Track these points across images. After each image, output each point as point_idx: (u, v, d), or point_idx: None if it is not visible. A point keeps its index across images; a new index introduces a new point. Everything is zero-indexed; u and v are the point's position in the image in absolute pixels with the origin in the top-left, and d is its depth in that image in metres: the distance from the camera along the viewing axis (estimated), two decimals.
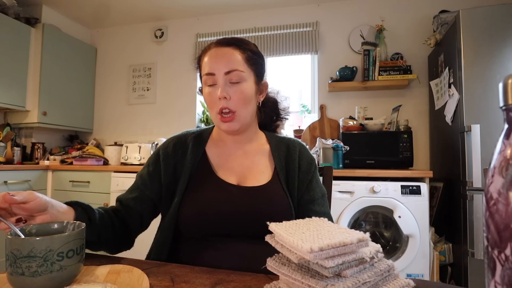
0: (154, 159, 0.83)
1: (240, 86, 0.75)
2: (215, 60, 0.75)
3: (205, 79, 0.76)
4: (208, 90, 0.76)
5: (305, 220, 0.49)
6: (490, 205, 0.27)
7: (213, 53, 0.76)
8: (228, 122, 0.75)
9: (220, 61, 0.74)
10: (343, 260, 0.38)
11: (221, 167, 0.80)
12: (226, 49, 0.76)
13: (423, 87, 2.49)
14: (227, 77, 0.74)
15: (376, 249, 0.42)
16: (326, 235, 0.40)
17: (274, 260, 0.44)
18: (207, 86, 0.76)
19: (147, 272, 0.56)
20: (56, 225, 0.55)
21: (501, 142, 0.28)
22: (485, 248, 0.28)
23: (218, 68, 0.74)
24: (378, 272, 0.41)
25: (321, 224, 0.47)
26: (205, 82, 0.77)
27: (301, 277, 0.40)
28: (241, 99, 0.75)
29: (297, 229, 0.44)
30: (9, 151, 2.55)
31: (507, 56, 1.71)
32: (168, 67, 3.11)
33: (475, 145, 1.71)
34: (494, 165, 0.27)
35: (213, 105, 0.76)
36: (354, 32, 2.66)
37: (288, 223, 0.47)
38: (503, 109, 0.28)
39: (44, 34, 2.67)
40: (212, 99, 0.75)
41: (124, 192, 0.84)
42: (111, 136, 3.18)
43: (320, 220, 0.48)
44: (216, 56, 0.75)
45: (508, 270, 0.25)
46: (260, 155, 0.83)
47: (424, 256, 1.83)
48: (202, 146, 0.83)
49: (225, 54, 0.75)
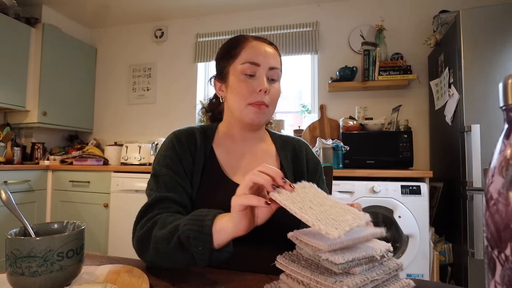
0: (172, 150, 0.75)
1: (276, 84, 0.78)
2: (263, 53, 0.75)
3: (246, 67, 0.74)
4: (245, 79, 0.74)
5: (299, 186, 0.50)
6: (490, 205, 0.27)
7: (259, 45, 0.77)
8: (261, 114, 0.75)
9: (268, 55, 0.76)
10: (353, 256, 0.38)
11: (231, 167, 0.78)
12: (270, 47, 0.78)
13: (423, 87, 2.49)
14: (269, 72, 0.76)
15: (387, 247, 0.43)
16: (336, 214, 0.43)
17: (284, 257, 0.45)
18: (243, 75, 0.74)
19: (147, 272, 0.56)
20: (56, 225, 0.55)
21: (501, 142, 0.28)
22: (485, 248, 0.28)
23: (265, 61, 0.75)
24: (387, 270, 0.41)
25: (317, 194, 0.49)
26: (243, 70, 0.74)
27: (310, 273, 0.40)
28: (276, 96, 0.78)
29: (302, 201, 0.45)
30: (9, 151, 2.55)
31: (507, 56, 1.71)
32: (168, 67, 3.11)
33: (475, 145, 1.71)
34: (494, 165, 0.27)
35: (247, 95, 0.74)
36: (354, 32, 2.66)
37: (288, 193, 0.47)
38: (503, 109, 0.28)
39: (44, 34, 2.67)
40: (249, 89, 0.74)
41: (149, 192, 0.72)
42: (111, 136, 3.18)
43: (312, 188, 0.50)
44: (264, 50, 0.76)
45: (508, 270, 0.25)
46: (267, 156, 0.83)
47: (424, 256, 1.83)
48: (209, 143, 0.80)
49: (271, 50, 0.78)
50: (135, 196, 2.30)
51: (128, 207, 2.30)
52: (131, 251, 0.73)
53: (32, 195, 2.40)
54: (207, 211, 0.55)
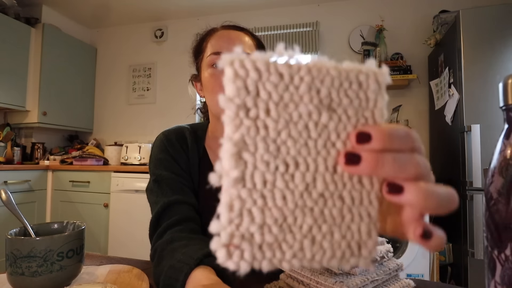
0: (165, 152, 0.71)
1: None
2: (226, 40, 0.69)
3: (211, 59, 0.68)
4: (212, 71, 0.68)
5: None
6: (490, 205, 0.27)
7: (223, 33, 0.71)
8: None
9: (232, 41, 0.69)
10: None
11: None
12: (237, 32, 0.72)
13: (423, 87, 2.49)
14: None
15: (387, 248, 0.43)
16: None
17: None
18: (210, 68, 0.68)
19: (147, 272, 0.56)
20: (56, 225, 0.55)
21: (501, 142, 0.28)
22: (485, 248, 0.28)
23: (228, 48, 0.66)
24: (387, 271, 0.42)
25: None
26: (209, 62, 0.69)
27: (310, 273, 0.40)
28: None
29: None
30: (9, 151, 2.55)
31: (507, 56, 1.71)
32: (168, 67, 3.11)
33: (475, 145, 1.71)
34: (494, 165, 0.27)
35: (217, 88, 0.67)
36: (354, 32, 2.66)
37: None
38: (503, 109, 0.28)
39: (44, 34, 2.67)
40: (217, 82, 0.67)
41: (154, 199, 0.66)
42: (111, 136, 3.18)
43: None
44: (228, 36, 0.70)
45: (508, 270, 0.25)
46: None
47: (424, 256, 1.83)
48: (200, 143, 0.75)
49: (237, 36, 0.71)
50: (135, 196, 2.30)
51: (128, 207, 2.30)
52: (131, 251, 0.73)
53: (32, 195, 2.40)
54: (180, 267, 0.45)
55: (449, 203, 0.20)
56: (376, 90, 0.19)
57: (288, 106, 0.18)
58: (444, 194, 0.20)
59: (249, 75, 0.17)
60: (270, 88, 0.18)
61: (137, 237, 2.18)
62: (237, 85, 0.17)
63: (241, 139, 0.17)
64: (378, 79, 0.19)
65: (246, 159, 0.18)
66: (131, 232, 2.23)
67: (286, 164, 0.18)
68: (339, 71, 0.19)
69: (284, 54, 0.18)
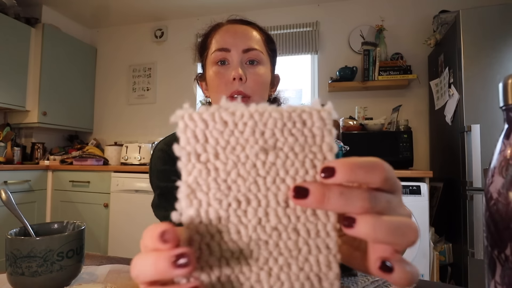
0: (167, 163, 0.67)
1: (257, 68, 0.64)
2: (232, 35, 0.64)
3: (216, 56, 0.64)
4: (217, 69, 0.63)
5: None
6: (490, 205, 0.27)
7: (229, 28, 0.66)
8: None
9: (239, 36, 0.64)
10: None
11: None
12: (243, 26, 0.67)
13: (423, 87, 2.49)
14: (245, 56, 0.63)
15: None
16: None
17: None
18: (215, 65, 0.64)
19: None
20: (56, 225, 0.55)
21: (501, 142, 0.28)
22: (485, 248, 0.28)
23: (235, 44, 0.63)
24: None
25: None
26: (214, 60, 0.64)
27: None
28: (258, 82, 0.63)
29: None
30: (9, 151, 2.55)
31: (507, 56, 1.71)
32: (168, 67, 3.11)
33: (475, 145, 1.71)
34: (494, 165, 0.27)
35: (222, 87, 0.63)
36: (354, 32, 2.66)
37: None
38: (503, 109, 0.28)
39: (44, 34, 2.67)
40: (222, 81, 0.63)
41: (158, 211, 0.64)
42: (111, 136, 3.18)
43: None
44: (234, 31, 0.65)
45: (508, 270, 0.25)
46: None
47: (424, 256, 1.83)
48: None
49: (244, 30, 0.66)
50: (135, 196, 2.30)
51: (128, 207, 2.30)
52: (131, 251, 0.73)
53: (32, 195, 2.40)
54: None
55: (403, 236, 0.19)
56: (321, 127, 0.20)
57: (235, 149, 0.20)
58: (396, 226, 0.19)
59: (197, 125, 0.20)
60: (217, 134, 0.20)
61: (137, 237, 2.17)
62: (187, 135, 0.20)
63: (195, 180, 0.19)
64: (322, 116, 0.20)
65: (200, 198, 0.19)
66: (131, 232, 2.23)
67: (238, 201, 0.19)
68: (281, 113, 0.20)
69: (230, 106, 0.20)
